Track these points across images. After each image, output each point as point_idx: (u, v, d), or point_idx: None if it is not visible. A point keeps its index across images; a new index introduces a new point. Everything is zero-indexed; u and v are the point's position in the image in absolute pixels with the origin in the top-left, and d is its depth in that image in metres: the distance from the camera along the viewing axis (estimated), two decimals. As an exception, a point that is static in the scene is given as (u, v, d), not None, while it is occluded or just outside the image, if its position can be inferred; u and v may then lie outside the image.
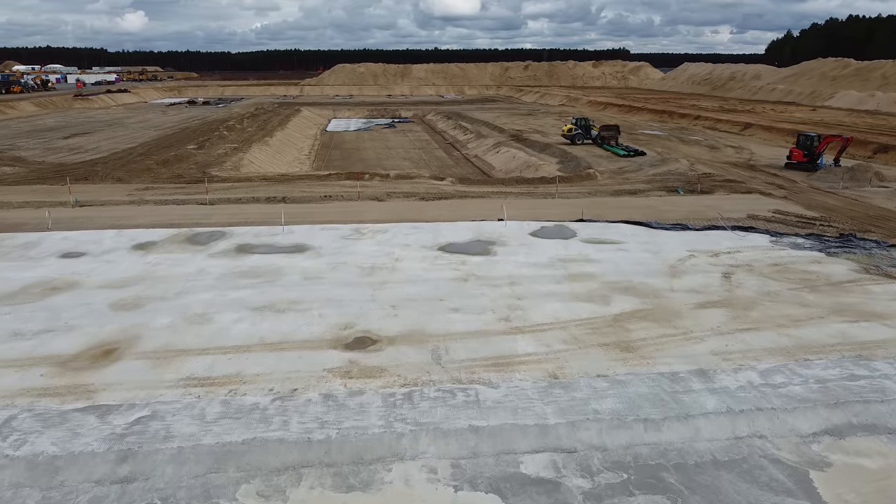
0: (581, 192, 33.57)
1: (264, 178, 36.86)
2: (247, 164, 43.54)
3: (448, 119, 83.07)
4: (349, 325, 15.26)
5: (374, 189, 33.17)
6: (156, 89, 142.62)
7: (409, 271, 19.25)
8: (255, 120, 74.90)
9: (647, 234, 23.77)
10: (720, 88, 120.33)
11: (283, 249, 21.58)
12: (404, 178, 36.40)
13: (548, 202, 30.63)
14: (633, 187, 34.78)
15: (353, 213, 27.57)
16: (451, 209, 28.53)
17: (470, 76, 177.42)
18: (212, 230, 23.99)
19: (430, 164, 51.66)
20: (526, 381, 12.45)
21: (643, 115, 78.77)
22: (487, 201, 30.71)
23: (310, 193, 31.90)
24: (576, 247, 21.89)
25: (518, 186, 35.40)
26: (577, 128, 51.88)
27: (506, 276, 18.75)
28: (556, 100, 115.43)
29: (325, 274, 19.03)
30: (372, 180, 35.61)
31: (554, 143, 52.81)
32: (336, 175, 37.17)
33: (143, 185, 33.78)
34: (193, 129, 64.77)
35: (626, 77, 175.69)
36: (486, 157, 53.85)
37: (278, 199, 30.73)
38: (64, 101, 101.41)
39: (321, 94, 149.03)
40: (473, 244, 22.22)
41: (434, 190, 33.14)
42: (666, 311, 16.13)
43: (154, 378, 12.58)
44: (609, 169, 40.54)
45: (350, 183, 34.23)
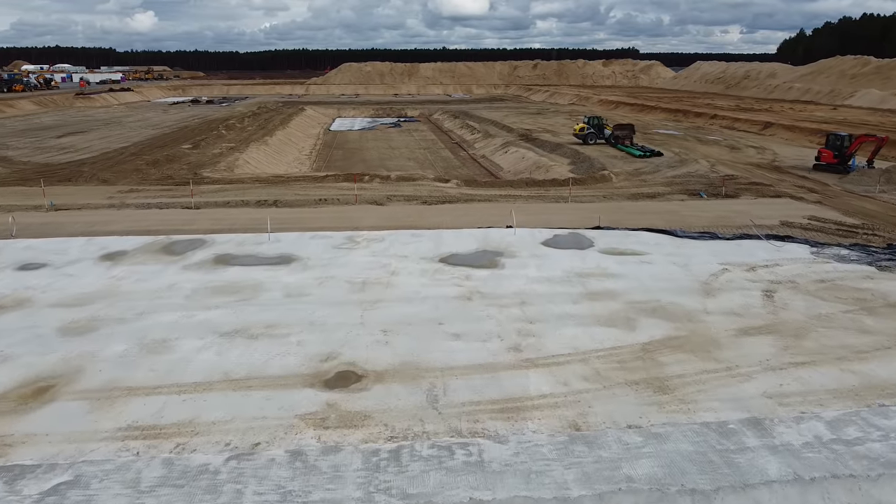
0: (596, 195, 31.21)
1: (258, 180, 34.70)
2: (242, 165, 41.42)
3: (455, 118, 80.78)
4: (332, 355, 13.00)
5: (374, 192, 30.92)
6: (160, 88, 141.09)
7: (406, 287, 16.98)
8: (256, 119, 72.88)
9: (673, 243, 21.39)
10: (734, 87, 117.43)
11: (267, 261, 19.35)
12: (406, 179, 34.13)
13: (560, 207, 28.28)
14: (651, 190, 32.37)
15: (349, 219, 25.32)
16: (455, 214, 26.25)
17: (478, 75, 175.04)
18: (191, 238, 21.81)
19: (436, 164, 49.40)
20: (541, 435, 10.15)
21: (657, 115, 76.18)
22: (495, 205, 28.41)
23: (304, 197, 29.69)
24: (593, 259, 19.55)
25: (528, 189, 33.07)
26: (590, 127, 49.46)
27: (515, 294, 16.44)
28: (566, 99, 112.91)
29: (310, 290, 16.78)
30: (371, 182, 33.35)
31: (565, 142, 50.41)
32: (333, 177, 34.95)
33: (128, 188, 31.67)
34: (192, 128, 62.78)
35: (637, 76, 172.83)
36: (494, 157, 51.53)
37: (269, 202, 28.53)
38: (65, 100, 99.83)
39: (327, 93, 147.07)
40: (479, 255, 19.93)
41: (437, 193, 30.85)
42: (703, 339, 13.77)
43: (88, 427, 10.36)
44: (624, 170, 38.12)
45: (348, 185, 32.00)
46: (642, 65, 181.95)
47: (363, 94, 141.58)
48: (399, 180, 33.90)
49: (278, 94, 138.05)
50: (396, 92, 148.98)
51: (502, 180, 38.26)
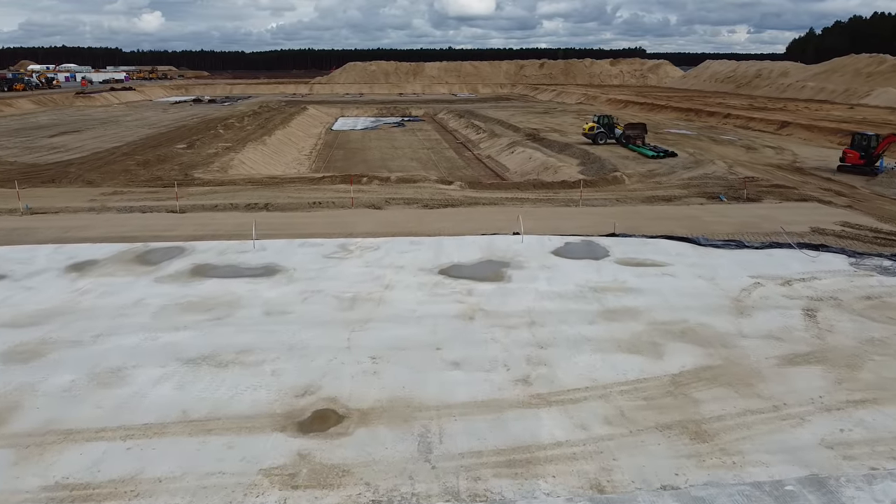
0: (608, 198, 29.32)
1: (251, 181, 32.95)
2: (237, 166, 39.69)
3: (460, 118, 78.95)
4: (310, 388, 11.18)
5: (372, 194, 29.11)
6: (162, 87, 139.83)
7: (401, 304, 15.14)
8: (256, 118, 71.23)
9: (696, 253, 19.47)
10: (745, 86, 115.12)
11: (249, 272, 17.56)
12: (407, 181, 32.29)
13: (571, 211, 26.40)
14: (667, 193, 30.45)
15: (343, 224, 23.52)
16: (458, 219, 24.41)
17: (484, 74, 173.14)
18: (170, 245, 20.04)
19: (439, 165, 47.59)
20: (557, 500, 8.29)
21: (667, 114, 74.11)
22: (500, 209, 26.56)
23: (297, 199, 27.90)
24: (610, 270, 17.66)
25: (535, 192, 31.20)
26: (600, 126, 47.51)
27: (524, 312, 14.59)
28: (574, 98, 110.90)
29: (293, 307, 14.97)
30: (370, 184, 31.53)
31: (574, 142, 48.50)
32: (330, 178, 33.14)
33: (112, 190, 29.96)
34: (189, 127, 61.16)
35: (645, 75, 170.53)
36: (500, 157, 49.68)
37: (260, 206, 26.76)
38: (65, 99, 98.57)
39: (331, 92, 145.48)
40: (483, 266, 18.08)
41: (439, 196, 29.01)
42: (742, 370, 11.89)
43: (6, 485, 8.57)
44: (637, 172, 36.19)
45: (344, 187, 30.20)
46: (650, 64, 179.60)
47: (367, 94, 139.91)
48: (399, 182, 32.07)
49: (282, 94, 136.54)
50: (401, 91, 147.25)
51: (508, 182, 36.40)
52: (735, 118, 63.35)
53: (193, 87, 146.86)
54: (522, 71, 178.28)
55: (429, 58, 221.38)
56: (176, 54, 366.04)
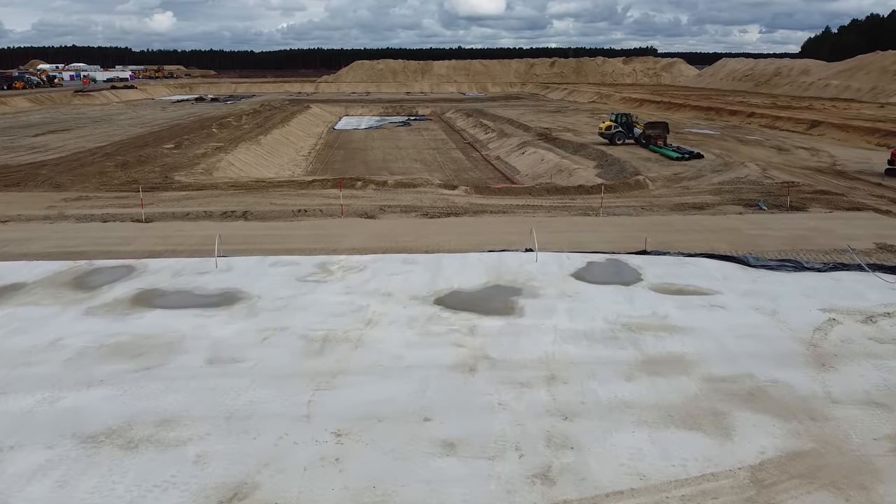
0: (631, 205, 26.03)
1: (235, 185, 29.85)
2: (224, 168, 36.64)
3: (468, 117, 75.70)
4: (242, 487, 7.98)
5: (366, 201, 25.93)
6: (166, 86, 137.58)
7: (384, 347, 11.94)
8: (255, 117, 68.31)
9: (747, 276, 16.14)
10: (764, 85, 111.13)
11: (203, 300, 14.40)
12: (406, 186, 29.05)
13: (591, 221, 23.11)
14: (697, 200, 27.12)
15: (328, 237, 20.36)
16: (462, 231, 21.18)
17: (493, 73, 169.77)
18: (118, 264, 16.93)
19: (445, 166, 44.37)
20: None
21: (686, 113, 70.54)
22: (510, 219, 23.32)
23: (281, 207, 24.77)
24: (646, 300, 14.38)
25: (550, 198, 27.92)
26: (617, 125, 44.11)
27: (540, 361, 11.35)
28: (586, 97, 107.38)
29: (246, 352, 11.79)
30: (364, 189, 28.33)
31: (589, 142, 45.16)
32: (321, 182, 29.94)
33: (77, 194, 26.96)
34: (184, 126, 58.30)
35: (659, 74, 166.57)
36: (510, 158, 46.40)
37: (237, 214, 23.66)
38: (63, 97, 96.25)
39: (337, 91, 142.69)
40: (489, 293, 14.85)
41: (441, 203, 25.79)
42: (846, 460, 8.58)
43: None
44: (661, 175, 32.83)
45: (336, 193, 27.03)
46: (664, 62, 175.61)
47: (374, 93, 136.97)
48: (397, 187, 28.84)
49: (287, 93, 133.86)
50: (409, 90, 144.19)
51: (519, 186, 33.11)
52: (760, 117, 59.72)
53: (198, 86, 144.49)
54: (533, 70, 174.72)
55: (438, 57, 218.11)
56: (185, 54, 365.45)
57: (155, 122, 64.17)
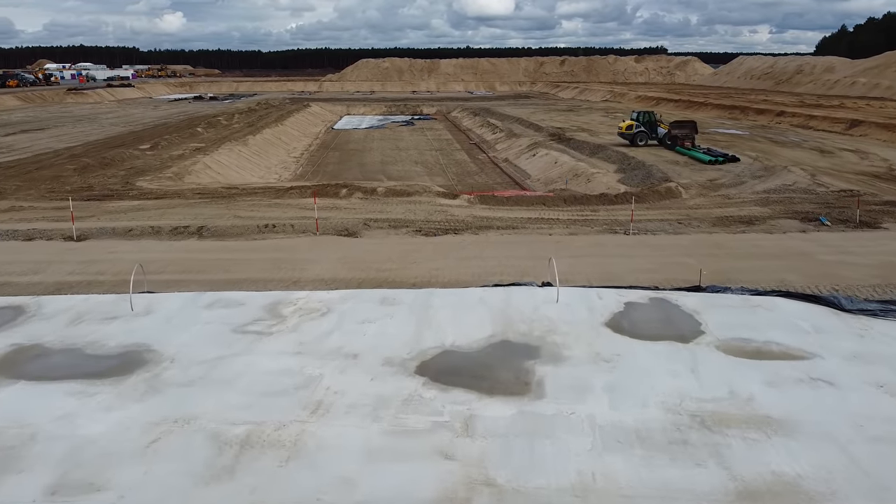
0: (665, 219, 21.82)
1: (201, 192, 25.82)
2: (199, 171, 32.65)
3: (475, 116, 71.55)
4: None
5: (349, 213, 21.82)
6: (166, 85, 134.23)
7: (330, 463, 7.77)
8: (249, 115, 64.49)
9: (846, 326, 11.87)
10: (786, 83, 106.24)
11: (92, 365, 10.30)
12: (399, 194, 24.90)
13: (620, 242, 18.91)
14: (742, 212, 22.87)
15: (293, 264, 16.27)
16: (461, 254, 17.04)
17: (501, 72, 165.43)
18: (6, 304, 12.87)
19: (447, 170, 40.23)
20: None
21: (708, 112, 66.05)
22: (522, 238, 19.15)
23: (246, 220, 20.71)
24: (715, 368, 10.15)
25: (568, 209, 23.74)
26: (639, 124, 39.82)
27: (572, 495, 7.15)
28: (598, 95, 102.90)
29: (118, 469, 7.65)
30: (350, 198, 24.19)
31: (608, 143, 40.92)
32: (300, 189, 25.81)
33: (10, 204, 23.00)
34: (169, 125, 54.48)
35: (672, 72, 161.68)
36: (520, 161, 42.21)
37: (191, 230, 19.60)
38: (55, 96, 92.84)
39: (341, 90, 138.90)
40: (494, 354, 10.67)
41: (439, 215, 21.65)
42: None
43: None
44: (695, 181, 28.56)
45: (318, 202, 22.96)
46: (678, 61, 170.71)
47: (379, 92, 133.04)
48: (389, 195, 24.68)
49: (290, 92, 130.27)
50: (415, 89, 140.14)
51: (531, 194, 28.91)
52: (791, 116, 55.19)
53: (198, 85, 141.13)
54: (542, 68, 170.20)
55: (446, 57, 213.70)
56: (193, 53, 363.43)
57: (141, 120, 60.40)
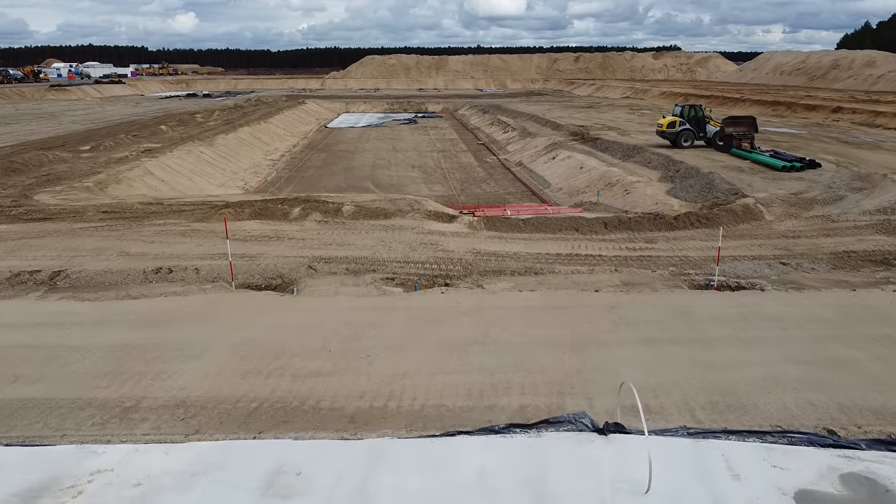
0: (758, 254, 14.74)
1: (110, 211, 18.96)
2: (133, 179, 25.87)
3: (484, 113, 64.49)
4: None
5: (294, 247, 14.85)
6: (161, 82, 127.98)
7: None
8: (232, 113, 57.80)
9: None
10: (821, 79, 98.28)
11: None
12: (373, 215, 17.81)
13: (712, 306, 11.80)
14: (864, 244, 15.76)
15: (154, 354, 9.32)
16: (452, 338, 10.00)
17: (513, 68, 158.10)
18: None
19: (450, 175, 33.23)
20: None
21: (746, 108, 58.60)
22: (551, 297, 12.11)
23: (133, 259, 13.81)
24: None
25: (610, 236, 16.68)
26: (684, 120, 32.55)
27: None
28: (617, 92, 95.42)
29: None
30: (303, 221, 17.15)
31: (643, 144, 33.78)
32: (237, 207, 18.70)
33: None
34: (135, 123, 47.85)
35: (692, 69, 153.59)
36: (536, 165, 35.14)
37: (43, 276, 12.73)
38: (35, 92, 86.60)
39: (345, 87, 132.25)
40: None
41: (425, 251, 14.62)
42: None
43: None
44: (775, 195, 21.37)
45: (257, 227, 16.04)
46: (698, 57, 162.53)
47: (384, 89, 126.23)
48: (358, 216, 17.60)
49: (290, 89, 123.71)
50: (422, 87, 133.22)
51: (556, 213, 21.80)
52: (851, 113, 47.67)
53: (196, 83, 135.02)
54: (556, 65, 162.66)
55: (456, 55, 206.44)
56: (202, 52, 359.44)
57: (107, 118, 53.85)
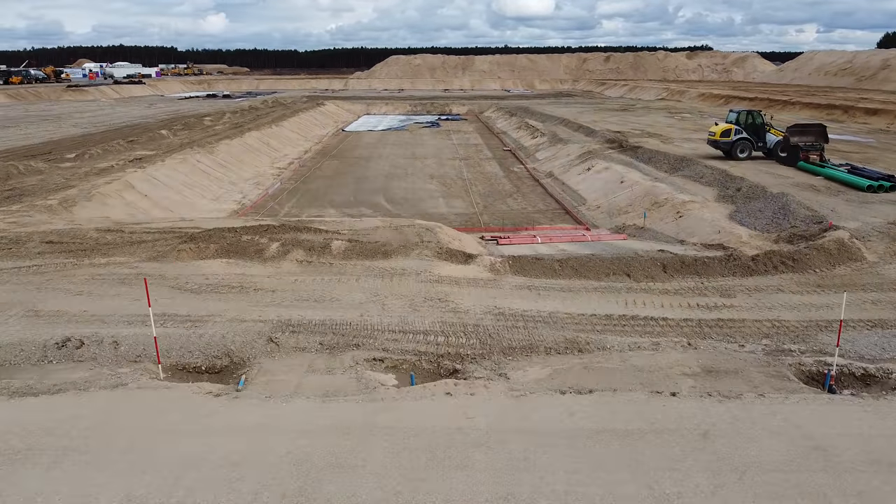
0: (876, 317, 10.79)
1: (51, 242, 15.67)
2: (110, 194, 22.69)
3: (511, 116, 60.70)
4: None
5: (259, 303, 11.33)
6: (182, 83, 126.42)
7: None
8: (244, 115, 54.88)
9: None
10: (870, 80, 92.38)
11: None
12: (372, 253, 14.17)
13: (841, 422, 7.95)
14: None
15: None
16: (451, 492, 6.35)
17: (541, 68, 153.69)
18: None
19: (472, 187, 29.55)
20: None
21: (796, 112, 53.88)
22: (603, 419, 8.38)
23: (34, 328, 10.40)
24: None
25: (671, 284, 12.86)
26: (740, 128, 28.38)
27: None
28: (651, 93, 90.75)
29: None
30: (280, 261, 13.60)
31: (691, 154, 29.75)
32: (192, 245, 15.19)
33: None
34: (137, 126, 45.05)
35: (728, 69, 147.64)
36: (569, 177, 31.31)
37: None
38: (52, 93, 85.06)
39: (369, 87, 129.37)
40: None
41: (430, 311, 10.96)
42: None
43: None
44: (871, 226, 17.30)
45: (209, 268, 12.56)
46: (734, 56, 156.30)
47: (408, 89, 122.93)
48: (351, 255, 13.98)
49: (312, 89, 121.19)
50: (447, 87, 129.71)
51: (599, 255, 18.00)
52: (921, 117, 42.88)
53: (218, 83, 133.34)
54: (585, 65, 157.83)
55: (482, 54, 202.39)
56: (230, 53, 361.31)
57: (118, 120, 51.27)
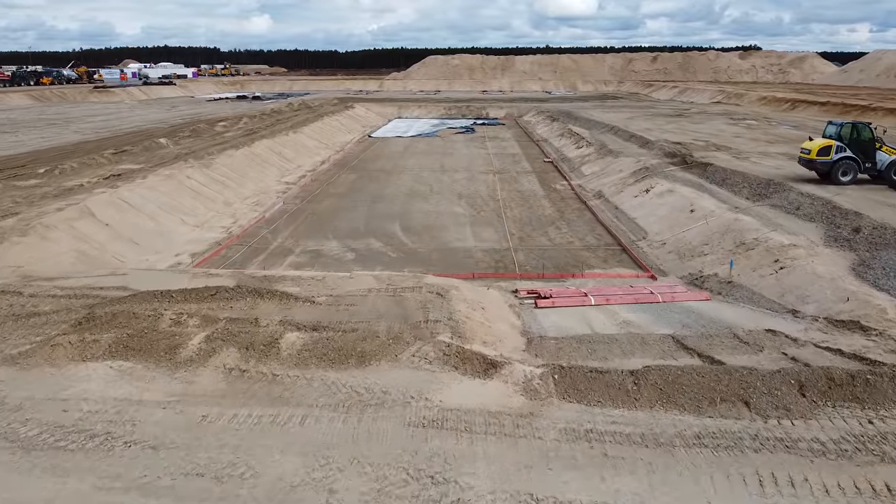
0: None
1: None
2: (56, 227, 18.44)
3: (553, 121, 55.35)
4: None
5: (120, 480, 6.65)
6: (214, 83, 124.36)
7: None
8: (263, 120, 50.90)
9: None
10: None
11: None
12: (340, 359, 9.24)
13: None
14: None
15: None
16: None
17: (584, 69, 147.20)
18: None
19: (507, 211, 24.49)
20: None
21: (881, 119, 47.20)
22: None
23: None
24: None
25: (820, 434, 7.68)
26: (843, 145, 22.65)
27: None
28: (705, 96, 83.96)
29: None
30: (201, 368, 8.78)
31: (775, 174, 24.19)
32: (98, 328, 10.53)
33: None
34: (136, 133, 41.32)
35: (785, 70, 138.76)
36: (623, 199, 26.01)
37: None
38: (78, 94, 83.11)
39: (404, 88, 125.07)
40: None
41: None
42: None
43: None
44: None
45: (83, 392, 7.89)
46: (791, 56, 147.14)
47: (445, 91, 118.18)
48: (305, 364, 8.93)
49: (347, 90, 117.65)
50: (486, 89, 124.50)
51: (698, 365, 12.76)
52: None
53: (251, 83, 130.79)
54: (631, 66, 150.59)
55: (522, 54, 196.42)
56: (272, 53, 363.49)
57: (129, 125, 47.78)
